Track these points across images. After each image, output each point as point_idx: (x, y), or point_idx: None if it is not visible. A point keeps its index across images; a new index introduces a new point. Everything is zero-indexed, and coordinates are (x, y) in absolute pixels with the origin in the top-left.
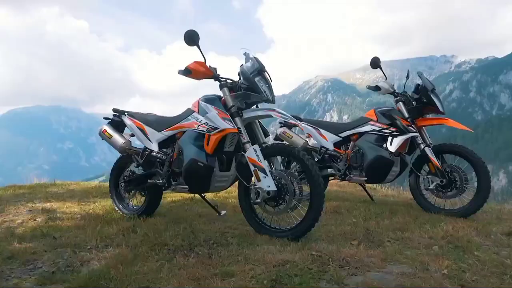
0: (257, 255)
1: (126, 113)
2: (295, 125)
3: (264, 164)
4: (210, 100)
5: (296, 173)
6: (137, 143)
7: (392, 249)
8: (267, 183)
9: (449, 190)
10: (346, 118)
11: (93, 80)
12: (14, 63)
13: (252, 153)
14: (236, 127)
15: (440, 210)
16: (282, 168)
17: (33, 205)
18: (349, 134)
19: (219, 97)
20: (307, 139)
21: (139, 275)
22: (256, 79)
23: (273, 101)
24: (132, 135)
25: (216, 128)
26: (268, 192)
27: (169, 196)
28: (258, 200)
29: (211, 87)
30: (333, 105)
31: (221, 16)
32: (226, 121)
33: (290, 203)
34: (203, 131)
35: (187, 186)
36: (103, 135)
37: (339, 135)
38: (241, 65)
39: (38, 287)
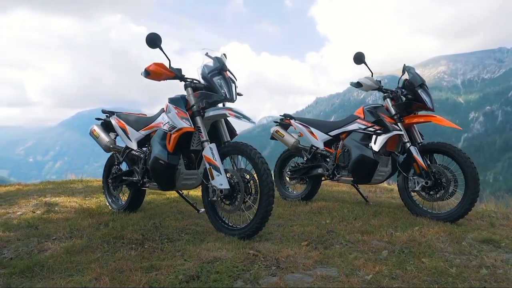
0: (196, 251)
1: (115, 114)
2: (289, 124)
3: (219, 162)
4: (175, 100)
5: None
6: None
7: (336, 252)
8: (219, 181)
9: (436, 192)
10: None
11: (152, 82)
12: (81, 69)
13: (208, 151)
14: (193, 126)
15: (426, 214)
16: (242, 167)
17: (43, 199)
18: (338, 133)
19: (184, 97)
20: (299, 138)
21: (73, 264)
22: (215, 78)
23: (232, 100)
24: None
25: (175, 127)
26: (221, 190)
27: (169, 193)
28: (214, 198)
29: (262, 87)
30: None
31: (274, 16)
32: (184, 120)
33: (241, 202)
34: (166, 130)
35: (156, 183)
36: (92, 134)
37: (329, 133)
38: (202, 65)
39: None
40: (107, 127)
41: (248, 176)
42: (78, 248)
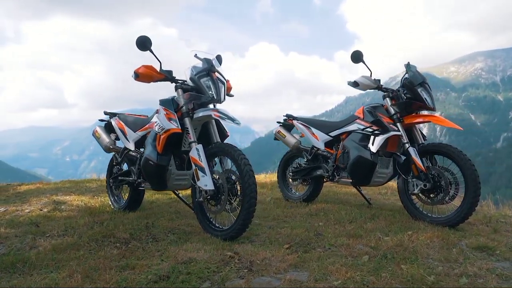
0: (175, 252)
1: (116, 115)
2: (291, 124)
3: (204, 163)
4: (165, 102)
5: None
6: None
7: (314, 255)
8: (204, 182)
9: (435, 195)
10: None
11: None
12: (114, 71)
13: (194, 152)
14: (180, 127)
15: (426, 218)
16: (230, 168)
17: (55, 197)
18: (339, 133)
19: (175, 99)
20: (301, 139)
21: (53, 261)
22: (203, 79)
23: (219, 101)
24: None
25: (163, 129)
26: (206, 191)
27: (172, 193)
28: (201, 199)
29: (291, 87)
30: None
31: (302, 15)
32: (172, 121)
33: (225, 203)
34: (157, 131)
35: (149, 184)
36: (94, 135)
37: (330, 134)
38: (190, 67)
39: None
40: (109, 128)
41: (234, 177)
42: (65, 246)
